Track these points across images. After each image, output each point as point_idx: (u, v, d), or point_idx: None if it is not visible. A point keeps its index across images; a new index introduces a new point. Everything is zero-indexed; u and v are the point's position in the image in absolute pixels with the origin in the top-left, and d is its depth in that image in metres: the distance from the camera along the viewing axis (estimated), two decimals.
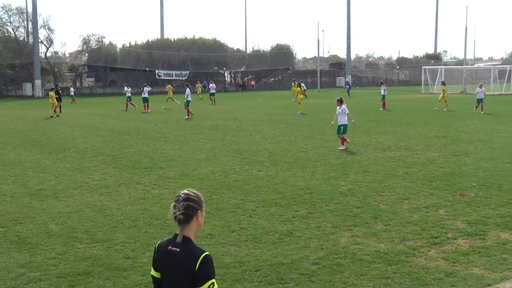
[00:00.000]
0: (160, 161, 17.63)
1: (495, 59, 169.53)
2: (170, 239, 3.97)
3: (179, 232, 3.90)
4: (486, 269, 7.96)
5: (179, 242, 3.87)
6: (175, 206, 3.95)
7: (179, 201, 3.96)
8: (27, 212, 11.49)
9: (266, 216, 10.90)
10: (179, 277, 3.82)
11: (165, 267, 3.91)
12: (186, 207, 3.93)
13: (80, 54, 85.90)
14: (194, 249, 3.85)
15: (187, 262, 3.79)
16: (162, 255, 3.93)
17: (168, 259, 3.88)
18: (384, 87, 41.32)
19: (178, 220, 3.91)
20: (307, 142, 21.87)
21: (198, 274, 3.76)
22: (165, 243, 3.97)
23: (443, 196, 12.33)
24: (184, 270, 3.79)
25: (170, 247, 3.89)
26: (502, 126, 26.77)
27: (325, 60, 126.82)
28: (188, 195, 4.01)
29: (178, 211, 3.91)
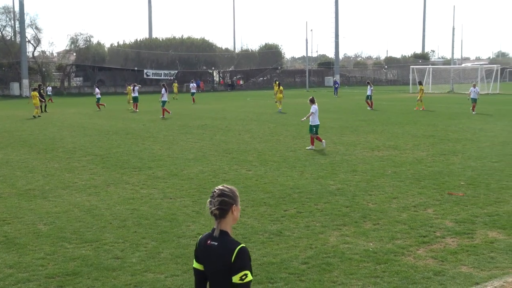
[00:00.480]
0: (149, 160, 17.58)
1: (482, 58, 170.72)
2: (209, 234, 4.15)
3: (216, 227, 4.08)
4: (474, 267, 8.01)
5: (216, 236, 4.06)
6: (211, 201, 4.08)
7: (214, 197, 4.08)
8: (15, 212, 11.42)
9: (255, 216, 10.90)
10: (218, 269, 4.03)
11: (206, 260, 4.11)
12: (221, 202, 4.05)
13: (68, 53, 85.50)
14: (230, 242, 4.04)
15: (224, 254, 3.98)
16: (203, 249, 4.13)
17: (208, 253, 4.08)
18: (371, 87, 41.26)
19: (214, 215, 4.06)
20: (296, 141, 21.90)
21: (234, 265, 3.95)
22: (205, 237, 4.17)
23: (432, 195, 12.39)
24: (222, 263, 3.99)
25: (209, 242, 4.09)
26: (490, 125, 26.94)
27: (314, 60, 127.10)
28: (222, 191, 4.10)
29: (214, 206, 4.05)
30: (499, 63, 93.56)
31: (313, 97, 21.31)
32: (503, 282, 7.47)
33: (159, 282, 7.60)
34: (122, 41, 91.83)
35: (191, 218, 10.80)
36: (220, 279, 4.04)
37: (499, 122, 28.50)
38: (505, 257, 8.40)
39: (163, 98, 35.25)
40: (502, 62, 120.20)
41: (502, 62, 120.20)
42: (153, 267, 8.14)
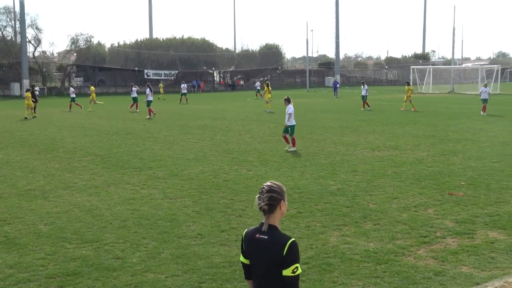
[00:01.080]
0: (149, 161, 17.59)
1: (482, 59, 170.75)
2: (257, 228, 4.27)
3: (265, 221, 4.20)
4: (475, 267, 8.01)
5: (265, 231, 4.18)
6: (260, 197, 4.20)
7: (263, 193, 4.20)
8: (16, 212, 11.43)
9: (255, 216, 10.89)
10: (268, 262, 4.12)
11: (255, 254, 4.22)
12: (270, 198, 4.17)
13: (69, 53, 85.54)
14: (281, 236, 4.17)
15: (276, 248, 4.09)
16: (251, 243, 4.25)
17: (257, 246, 4.19)
18: (366, 87, 40.83)
19: (263, 210, 4.20)
20: (296, 141, 21.87)
21: (286, 258, 4.06)
22: (252, 231, 4.28)
23: (432, 196, 12.39)
24: (273, 256, 4.09)
25: (257, 235, 4.21)
26: (490, 125, 26.94)
27: (314, 60, 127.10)
28: (271, 187, 4.23)
29: (263, 202, 4.18)
30: (500, 63, 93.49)
31: (289, 96, 21.12)
32: (503, 282, 7.47)
33: (159, 282, 7.60)
34: (123, 41, 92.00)
35: (191, 218, 10.80)
36: (268, 272, 4.13)
37: (499, 122, 28.50)
38: (505, 257, 8.40)
39: (148, 98, 35.52)
40: (503, 62, 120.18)
41: (503, 62, 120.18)
42: (154, 267, 8.14)
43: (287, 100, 20.33)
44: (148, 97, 35.51)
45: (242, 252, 4.37)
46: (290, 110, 19.79)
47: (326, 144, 20.92)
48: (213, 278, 7.70)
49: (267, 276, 4.15)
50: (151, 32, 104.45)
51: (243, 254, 4.35)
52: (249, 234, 4.30)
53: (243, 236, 4.35)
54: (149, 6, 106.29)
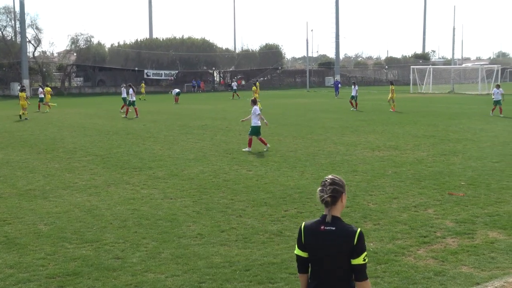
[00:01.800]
0: (149, 161, 17.59)
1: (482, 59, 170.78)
2: (318, 221, 4.37)
3: (328, 213, 4.32)
4: (475, 267, 8.01)
5: (330, 222, 4.29)
6: (323, 190, 4.32)
7: (326, 186, 4.33)
8: (16, 212, 11.43)
9: (255, 216, 10.90)
10: (337, 252, 4.25)
11: (320, 245, 4.30)
12: (333, 190, 4.30)
13: (69, 53, 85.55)
14: (348, 226, 4.32)
15: (345, 238, 4.24)
16: (315, 235, 4.33)
17: (324, 238, 4.28)
18: (356, 87, 40.43)
19: (325, 203, 4.31)
20: (296, 141, 21.89)
21: (356, 247, 4.23)
22: (314, 224, 4.37)
23: (432, 195, 12.39)
24: (343, 246, 4.24)
25: (323, 227, 4.30)
26: (490, 125, 26.94)
27: (314, 60, 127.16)
28: (333, 180, 4.37)
29: (326, 194, 4.29)
30: (500, 63, 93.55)
31: (255, 98, 21.22)
32: (503, 282, 7.47)
33: (159, 282, 7.60)
34: (123, 41, 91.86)
35: (191, 218, 10.80)
36: (336, 262, 4.27)
37: (499, 122, 28.51)
38: (505, 257, 8.40)
39: (131, 98, 35.85)
40: (503, 62, 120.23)
41: (503, 62, 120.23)
42: (154, 267, 8.14)
43: (253, 101, 20.58)
44: (132, 97, 35.95)
45: (299, 245, 4.43)
46: (257, 111, 20.00)
47: (326, 144, 20.92)
48: (213, 278, 7.70)
49: (335, 266, 4.28)
50: (151, 32, 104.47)
51: (301, 248, 4.42)
52: (311, 227, 4.38)
53: (301, 230, 4.41)
54: (149, 6, 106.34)
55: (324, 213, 4.37)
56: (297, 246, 4.46)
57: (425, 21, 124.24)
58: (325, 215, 4.35)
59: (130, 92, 35.98)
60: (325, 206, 4.33)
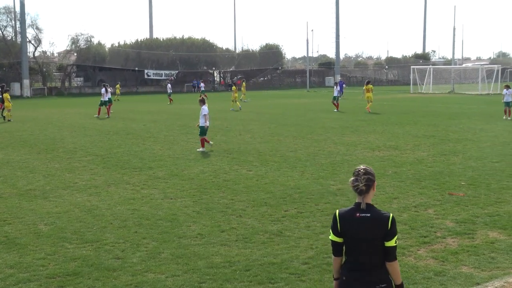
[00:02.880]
0: (150, 161, 17.59)
1: (483, 59, 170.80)
2: (352, 208, 4.73)
3: (362, 201, 4.68)
4: (475, 267, 8.01)
5: (364, 209, 4.66)
6: (357, 179, 4.66)
7: (360, 175, 4.68)
8: (16, 212, 11.43)
9: (256, 216, 10.90)
10: (371, 236, 4.63)
11: (356, 231, 4.67)
12: (367, 179, 4.69)
13: (69, 53, 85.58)
14: (382, 212, 4.72)
15: (380, 223, 4.64)
16: (350, 222, 4.69)
17: (359, 224, 4.66)
18: (338, 88, 39.66)
19: (359, 191, 4.66)
20: (297, 141, 21.89)
21: (390, 231, 4.65)
22: (348, 212, 4.74)
23: (432, 196, 12.39)
24: (378, 230, 4.64)
25: (358, 214, 4.67)
26: (490, 125, 26.93)
27: (314, 60, 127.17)
28: (366, 170, 4.75)
29: (361, 183, 4.65)
30: (500, 63, 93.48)
31: (203, 98, 21.25)
32: (503, 282, 7.47)
33: (159, 282, 7.60)
34: (123, 41, 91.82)
35: (191, 218, 10.80)
36: (371, 246, 4.65)
37: (499, 122, 28.50)
38: (505, 257, 8.40)
39: (103, 98, 36.48)
40: (503, 62, 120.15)
41: (503, 62, 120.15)
42: (154, 267, 8.14)
43: (202, 101, 20.60)
44: (104, 97, 36.52)
45: (335, 232, 4.82)
46: (204, 111, 20.11)
47: (327, 144, 20.92)
48: (213, 278, 7.70)
49: (370, 249, 4.65)
50: (151, 32, 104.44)
51: (337, 234, 4.80)
52: (345, 214, 4.74)
53: (336, 218, 4.78)
54: (149, 6, 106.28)
55: (357, 201, 4.70)
56: (332, 233, 4.85)
57: (425, 21, 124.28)
58: (358, 203, 4.69)
59: (103, 91, 36.82)
60: (359, 194, 4.67)
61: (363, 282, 4.68)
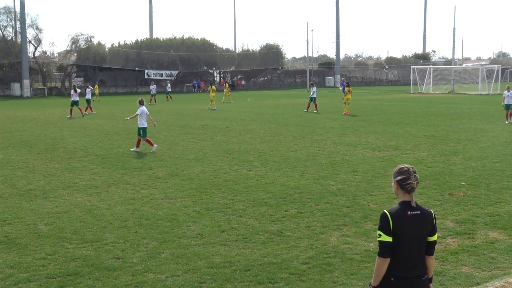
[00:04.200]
0: (150, 161, 17.59)
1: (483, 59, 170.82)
2: (401, 208, 4.70)
3: (412, 199, 4.70)
4: (475, 268, 8.01)
5: (415, 206, 4.69)
6: (409, 177, 4.67)
7: (411, 173, 4.69)
8: (16, 212, 11.43)
9: (256, 216, 10.90)
10: (422, 233, 4.71)
11: (409, 229, 4.65)
12: (417, 177, 4.74)
13: (69, 53, 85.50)
14: (426, 208, 4.80)
15: (428, 219, 4.73)
16: (403, 221, 4.64)
17: (412, 222, 4.66)
18: (314, 88, 39.04)
19: (411, 189, 4.68)
20: (297, 141, 21.89)
21: (434, 226, 4.79)
22: (399, 211, 4.68)
23: (432, 196, 12.39)
24: (428, 226, 4.73)
25: (410, 212, 4.67)
26: (491, 125, 26.92)
27: (315, 60, 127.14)
28: (414, 168, 4.76)
29: (415, 181, 4.69)
30: (500, 63, 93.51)
31: (142, 98, 21.38)
32: (503, 282, 7.47)
33: (159, 282, 7.60)
34: (123, 41, 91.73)
35: (191, 218, 10.80)
36: (422, 242, 4.71)
37: (499, 122, 28.49)
38: (505, 257, 8.40)
39: (73, 98, 36.90)
40: (503, 62, 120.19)
41: (503, 62, 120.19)
42: (154, 267, 8.14)
43: (140, 102, 20.69)
44: (73, 97, 36.85)
45: (386, 231, 4.63)
46: (145, 111, 20.19)
47: (327, 144, 20.92)
48: (213, 278, 7.71)
49: (421, 245, 4.71)
50: (152, 32, 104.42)
51: (388, 233, 4.63)
52: (396, 214, 4.65)
53: (389, 217, 4.63)
54: (150, 6, 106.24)
55: (404, 200, 4.69)
56: (384, 233, 4.65)
57: (425, 21, 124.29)
58: (407, 201, 4.68)
59: (72, 92, 37.22)
60: (410, 192, 4.68)
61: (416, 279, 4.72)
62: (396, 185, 4.75)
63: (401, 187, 4.70)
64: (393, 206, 4.75)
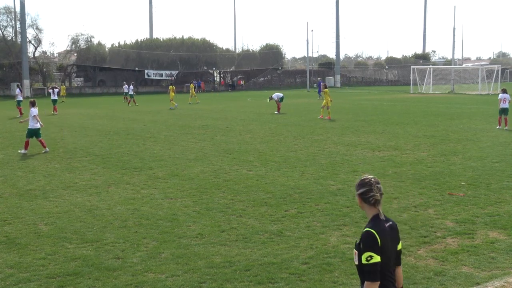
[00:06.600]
0: (150, 161, 17.59)
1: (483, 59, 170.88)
2: (378, 221, 4.42)
3: (380, 211, 4.46)
4: (475, 267, 8.01)
5: (386, 218, 4.48)
6: (372, 189, 4.42)
7: (373, 185, 4.44)
8: (16, 212, 11.43)
9: (256, 216, 10.91)
10: (397, 244, 4.59)
11: (390, 243, 4.44)
12: (381, 188, 4.49)
13: (69, 54, 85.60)
14: (389, 218, 4.60)
15: (396, 228, 4.57)
16: (386, 235, 4.39)
17: (390, 235, 4.46)
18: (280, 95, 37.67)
19: (376, 201, 4.44)
20: (297, 141, 21.89)
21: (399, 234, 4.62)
22: (380, 226, 4.40)
23: (432, 196, 12.39)
24: (398, 235, 4.59)
25: (387, 225, 4.45)
26: (491, 125, 26.90)
27: (315, 60, 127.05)
28: (376, 179, 4.51)
29: (378, 192, 4.44)
30: (500, 64, 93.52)
31: (34, 100, 21.28)
32: (503, 282, 7.47)
33: (160, 282, 7.60)
34: (123, 41, 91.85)
35: (192, 218, 10.81)
36: (395, 253, 4.58)
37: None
38: (505, 257, 8.40)
39: (17, 98, 37.25)
40: (503, 63, 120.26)
41: (503, 63, 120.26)
42: (154, 267, 8.14)
43: (32, 104, 20.52)
44: (18, 97, 37.18)
45: (377, 251, 4.30)
46: (33, 113, 20.01)
47: (327, 144, 20.92)
48: (213, 278, 7.71)
49: (394, 257, 4.54)
50: (152, 32, 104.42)
51: (379, 253, 4.31)
52: (380, 230, 4.37)
53: (376, 235, 4.31)
54: (150, 6, 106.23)
55: (373, 214, 4.46)
56: (375, 253, 4.28)
57: (425, 21, 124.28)
58: (376, 215, 4.45)
59: (17, 92, 37.72)
60: (375, 205, 4.44)
61: None
62: (359, 199, 4.49)
63: (364, 200, 4.44)
64: (370, 223, 4.43)
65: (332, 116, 32.13)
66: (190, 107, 44.81)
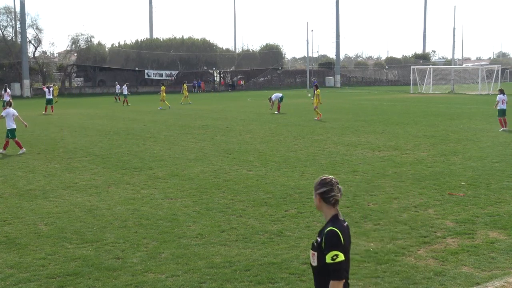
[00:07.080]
0: (150, 161, 17.59)
1: (483, 59, 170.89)
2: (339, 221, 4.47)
3: (338, 211, 4.50)
4: (475, 267, 8.01)
5: (342, 219, 4.52)
6: (333, 189, 4.46)
7: (334, 185, 4.48)
8: (16, 212, 11.43)
9: (256, 216, 10.91)
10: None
11: (349, 242, 4.50)
12: (341, 189, 4.52)
13: (69, 53, 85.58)
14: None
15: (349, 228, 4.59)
16: (346, 234, 4.45)
17: (349, 234, 4.52)
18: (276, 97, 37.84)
19: (336, 201, 4.48)
20: (297, 141, 21.89)
21: None
22: (341, 226, 4.43)
23: (432, 196, 12.39)
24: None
25: (345, 224, 4.51)
26: (491, 125, 26.89)
27: (315, 60, 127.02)
28: (336, 179, 4.55)
29: (338, 192, 4.47)
30: (500, 64, 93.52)
31: (10, 100, 21.30)
32: (503, 282, 7.47)
33: (159, 282, 7.61)
34: (123, 41, 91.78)
35: (191, 218, 10.81)
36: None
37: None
38: (505, 257, 8.40)
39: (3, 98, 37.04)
40: (503, 63, 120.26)
41: (503, 63, 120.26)
42: (154, 267, 8.14)
43: (9, 104, 20.57)
44: (3, 97, 37.18)
45: (342, 250, 4.34)
46: (5, 113, 20.04)
47: (327, 144, 20.91)
48: (213, 278, 7.71)
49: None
50: (152, 32, 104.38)
51: (342, 251, 4.34)
52: (342, 229, 4.41)
53: (339, 234, 4.35)
54: (150, 6, 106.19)
55: (333, 214, 4.48)
56: (341, 252, 4.32)
57: (425, 21, 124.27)
58: (336, 215, 4.48)
59: (2, 92, 38.17)
60: (334, 205, 4.48)
61: None
62: (318, 198, 4.49)
63: (324, 200, 4.46)
64: (331, 223, 4.44)
65: (332, 116, 32.12)
66: (190, 107, 44.82)
